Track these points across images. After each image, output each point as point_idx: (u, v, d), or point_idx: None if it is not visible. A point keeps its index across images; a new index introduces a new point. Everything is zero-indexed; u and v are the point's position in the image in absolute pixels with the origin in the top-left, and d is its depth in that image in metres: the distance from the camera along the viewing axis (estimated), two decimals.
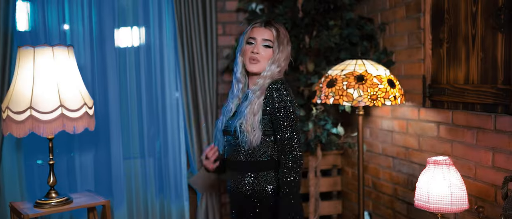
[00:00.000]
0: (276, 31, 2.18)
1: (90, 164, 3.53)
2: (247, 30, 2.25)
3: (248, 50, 2.19)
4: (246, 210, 2.22)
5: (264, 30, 2.19)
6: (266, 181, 2.20)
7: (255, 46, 2.18)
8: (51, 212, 2.73)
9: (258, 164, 2.18)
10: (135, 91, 3.59)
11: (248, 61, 2.19)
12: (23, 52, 2.64)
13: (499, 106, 2.34)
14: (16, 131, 2.58)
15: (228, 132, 2.23)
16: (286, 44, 2.21)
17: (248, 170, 2.20)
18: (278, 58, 2.18)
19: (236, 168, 2.24)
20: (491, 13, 2.38)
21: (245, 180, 2.21)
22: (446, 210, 2.23)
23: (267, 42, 2.17)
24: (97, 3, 3.45)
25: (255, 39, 2.19)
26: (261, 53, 2.17)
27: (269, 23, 2.21)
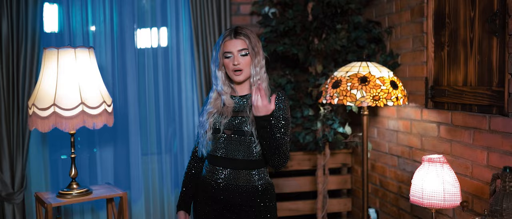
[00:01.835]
0: (247, 38, 2.28)
1: (110, 159, 3.74)
2: (220, 43, 2.31)
3: (229, 63, 2.28)
4: (255, 206, 2.31)
5: (236, 41, 2.27)
6: (267, 175, 2.37)
7: (234, 59, 2.27)
8: (72, 201, 2.94)
9: (263, 161, 2.34)
10: (153, 91, 3.78)
11: (232, 73, 2.29)
12: (48, 53, 2.85)
13: (493, 107, 2.44)
14: (41, 126, 2.79)
15: (240, 132, 2.30)
16: (259, 45, 2.31)
17: (258, 166, 2.34)
18: (259, 61, 2.29)
19: (244, 165, 2.32)
20: (487, 18, 2.48)
21: (255, 176, 2.33)
22: (439, 206, 2.35)
23: (243, 51, 2.26)
24: (118, 6, 3.65)
25: (231, 52, 2.27)
26: (241, 63, 2.27)
27: (238, 33, 2.29)
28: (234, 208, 2.33)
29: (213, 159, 2.36)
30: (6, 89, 3.37)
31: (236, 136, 2.31)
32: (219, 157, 2.33)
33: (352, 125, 3.66)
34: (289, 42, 3.44)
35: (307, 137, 3.53)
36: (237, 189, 2.32)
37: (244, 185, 2.32)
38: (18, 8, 3.35)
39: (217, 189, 2.34)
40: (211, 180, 2.36)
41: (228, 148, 2.32)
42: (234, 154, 2.31)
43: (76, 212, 3.69)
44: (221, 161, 2.33)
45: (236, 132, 2.30)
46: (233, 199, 2.32)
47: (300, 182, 3.91)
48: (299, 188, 3.91)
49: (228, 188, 2.32)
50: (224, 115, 2.32)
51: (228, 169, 2.32)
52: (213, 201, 2.36)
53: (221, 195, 2.33)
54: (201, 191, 2.42)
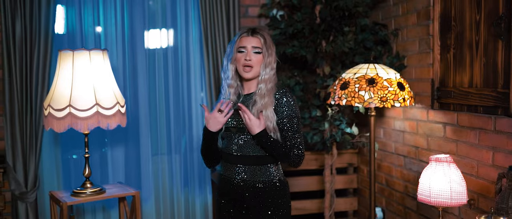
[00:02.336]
0: (263, 38, 2.36)
1: (121, 159, 3.81)
2: (236, 39, 2.40)
3: (241, 58, 2.36)
4: (271, 199, 2.39)
5: (252, 38, 2.36)
6: (279, 170, 2.46)
7: (247, 54, 2.35)
8: (86, 200, 3.01)
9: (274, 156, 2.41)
10: (163, 92, 3.85)
11: (242, 69, 2.37)
12: (63, 55, 2.93)
13: (499, 108, 2.51)
14: (56, 126, 2.87)
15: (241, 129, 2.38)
16: (272, 48, 2.40)
17: (269, 162, 2.41)
18: (270, 62, 2.36)
19: (257, 162, 2.40)
20: (493, 21, 2.55)
21: (268, 170, 2.41)
22: (446, 204, 2.41)
23: (257, 49, 2.35)
24: (129, 7, 3.72)
25: (246, 47, 2.36)
26: (253, 60, 2.35)
27: (255, 32, 2.38)
28: (250, 203, 2.41)
29: (228, 157, 2.44)
30: (20, 90, 3.45)
31: (246, 133, 2.38)
32: (235, 155, 2.41)
33: (359, 125, 3.72)
34: (297, 44, 3.51)
35: (315, 137, 3.60)
36: (253, 184, 2.39)
37: (259, 180, 2.40)
38: (32, 10, 3.42)
39: (234, 186, 2.42)
40: (229, 178, 2.44)
41: (244, 146, 2.39)
42: (250, 151, 2.38)
43: (88, 211, 3.76)
44: (237, 159, 2.41)
45: (240, 129, 2.38)
46: (250, 195, 2.40)
47: (307, 181, 3.98)
48: (307, 187, 3.98)
49: (245, 184, 2.40)
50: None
51: (243, 166, 2.40)
52: (231, 197, 2.44)
53: (238, 191, 2.41)
54: (221, 190, 2.50)
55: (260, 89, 2.36)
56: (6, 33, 3.41)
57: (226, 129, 2.42)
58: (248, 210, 2.42)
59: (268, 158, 2.40)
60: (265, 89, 2.35)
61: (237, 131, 2.39)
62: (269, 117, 2.34)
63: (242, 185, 2.41)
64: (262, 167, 2.40)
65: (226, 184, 2.46)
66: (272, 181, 2.41)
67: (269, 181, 2.41)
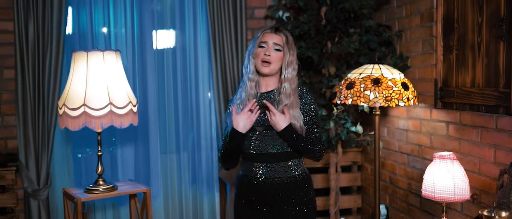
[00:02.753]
0: (285, 36, 2.44)
1: (131, 157, 3.89)
2: (258, 35, 2.47)
3: (261, 53, 2.42)
4: (293, 195, 2.46)
5: (275, 35, 2.43)
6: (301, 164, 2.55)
7: (267, 49, 2.41)
8: (99, 197, 3.10)
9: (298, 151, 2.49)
10: (172, 91, 3.94)
11: (260, 63, 2.43)
12: (77, 56, 3.02)
13: (500, 107, 2.60)
14: (71, 125, 2.95)
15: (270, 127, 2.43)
16: (294, 49, 2.47)
17: (294, 157, 2.49)
18: (291, 61, 2.44)
19: (280, 158, 2.46)
20: (494, 23, 2.64)
21: (292, 167, 2.48)
22: (450, 200, 2.51)
23: (278, 46, 2.42)
24: (138, 8, 3.81)
25: (267, 42, 2.42)
26: (272, 56, 2.41)
27: (279, 30, 2.46)
28: (273, 201, 2.46)
29: (248, 156, 2.49)
30: (32, 90, 3.54)
31: (268, 131, 2.43)
32: (254, 153, 2.46)
33: (363, 124, 3.81)
34: (304, 46, 3.60)
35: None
36: (276, 181, 2.44)
37: (282, 176, 2.45)
38: (44, 12, 3.51)
39: (256, 185, 2.47)
40: (250, 177, 2.49)
41: (262, 143, 2.44)
42: (269, 148, 2.44)
43: (98, 208, 3.85)
44: (256, 157, 2.46)
45: (268, 127, 2.43)
46: (273, 193, 2.45)
47: (313, 179, 4.05)
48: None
49: (267, 182, 2.45)
50: (253, 112, 2.42)
51: (265, 164, 2.45)
52: (253, 197, 2.49)
53: (261, 190, 2.46)
54: (241, 190, 2.53)
55: (284, 88, 2.42)
56: (19, 35, 3.50)
57: (251, 129, 2.45)
58: (271, 208, 2.46)
59: (289, 154, 2.46)
60: (290, 89, 2.42)
61: (264, 129, 2.43)
62: (296, 116, 2.41)
63: (264, 183, 2.45)
64: (283, 163, 2.46)
65: (247, 184, 2.50)
66: (294, 177, 2.48)
67: (290, 177, 2.46)
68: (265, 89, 2.52)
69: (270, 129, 2.44)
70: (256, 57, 2.44)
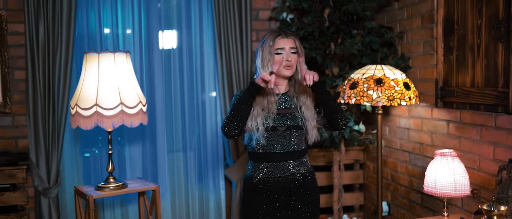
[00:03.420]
0: (296, 38, 2.59)
1: (139, 156, 3.98)
2: (269, 43, 2.54)
3: (281, 59, 2.52)
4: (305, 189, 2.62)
5: (288, 40, 2.55)
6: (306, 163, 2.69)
7: (287, 55, 2.53)
8: (110, 194, 3.18)
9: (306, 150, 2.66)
10: (179, 91, 4.02)
11: (283, 68, 2.54)
12: (89, 57, 3.11)
13: (499, 106, 2.69)
14: (83, 124, 3.04)
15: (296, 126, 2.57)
16: (302, 48, 2.62)
17: (300, 157, 2.63)
18: (302, 61, 2.60)
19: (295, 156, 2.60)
20: (493, 25, 2.73)
21: (303, 162, 2.64)
22: (450, 195, 2.60)
23: (293, 50, 2.55)
24: (145, 9, 3.89)
25: (284, 48, 2.54)
26: (292, 60, 2.54)
27: (289, 33, 2.58)
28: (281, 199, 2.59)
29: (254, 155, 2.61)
30: (43, 90, 3.62)
31: (289, 131, 2.56)
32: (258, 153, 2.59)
33: (366, 123, 3.91)
34: (308, 47, 3.70)
35: (324, 135, 3.78)
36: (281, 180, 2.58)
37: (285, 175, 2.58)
38: (54, 14, 3.60)
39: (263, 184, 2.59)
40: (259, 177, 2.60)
41: (266, 144, 2.56)
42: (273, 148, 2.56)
43: (107, 206, 3.94)
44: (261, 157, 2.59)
45: (290, 126, 2.56)
46: (280, 191, 2.58)
47: (316, 177, 4.15)
48: None
49: (274, 181, 2.58)
50: (270, 112, 2.53)
51: (268, 163, 2.58)
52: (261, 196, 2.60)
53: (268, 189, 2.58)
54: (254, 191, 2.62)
55: (296, 86, 2.59)
56: (30, 36, 3.59)
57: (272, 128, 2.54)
58: (278, 206, 2.59)
59: (299, 153, 2.60)
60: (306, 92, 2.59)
61: (285, 129, 2.56)
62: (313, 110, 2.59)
63: (271, 182, 2.58)
64: (292, 162, 2.59)
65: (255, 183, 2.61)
66: (301, 175, 2.60)
67: (296, 175, 2.60)
68: (284, 90, 2.65)
69: (290, 129, 2.56)
70: (276, 64, 2.53)
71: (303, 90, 2.60)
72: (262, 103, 2.56)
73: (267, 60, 2.54)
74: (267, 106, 2.54)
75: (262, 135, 2.53)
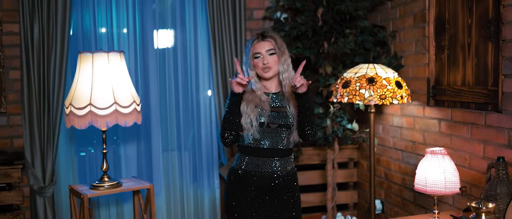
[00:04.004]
0: (274, 39, 2.58)
1: (134, 155, 4.00)
2: (249, 47, 2.60)
3: (258, 63, 2.57)
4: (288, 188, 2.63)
5: (264, 42, 2.57)
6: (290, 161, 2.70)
7: (263, 58, 2.56)
8: (104, 193, 3.20)
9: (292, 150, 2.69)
10: (173, 90, 4.05)
11: (262, 71, 2.58)
12: (83, 57, 3.12)
13: (489, 105, 2.72)
14: (77, 124, 3.06)
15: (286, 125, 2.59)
16: (284, 46, 2.62)
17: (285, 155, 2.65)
18: (285, 59, 2.59)
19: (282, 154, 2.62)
20: (483, 24, 2.76)
21: (288, 161, 2.65)
22: (441, 193, 2.63)
23: (271, 51, 2.56)
24: (140, 9, 3.91)
25: (260, 52, 2.57)
26: (270, 62, 2.57)
27: (265, 36, 2.59)
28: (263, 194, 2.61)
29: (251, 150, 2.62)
30: (38, 90, 3.64)
31: (280, 128, 2.58)
32: (247, 146, 2.61)
33: (359, 122, 3.93)
34: (301, 46, 3.72)
35: (318, 133, 3.81)
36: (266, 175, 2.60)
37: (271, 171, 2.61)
38: (49, 14, 3.62)
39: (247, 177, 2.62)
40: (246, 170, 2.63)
41: (256, 138, 2.58)
42: (262, 144, 2.59)
43: (102, 205, 3.96)
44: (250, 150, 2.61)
45: (281, 124, 2.58)
46: (263, 186, 2.61)
47: (310, 175, 4.20)
48: (310, 181, 4.20)
49: (258, 175, 2.60)
50: (263, 109, 2.56)
51: (256, 157, 2.60)
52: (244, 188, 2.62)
53: (252, 182, 2.61)
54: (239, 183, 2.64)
55: (285, 86, 2.59)
56: (25, 36, 3.60)
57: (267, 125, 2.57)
58: (260, 200, 2.61)
59: (283, 151, 2.62)
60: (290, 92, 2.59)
61: (277, 126, 2.57)
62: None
63: (255, 176, 2.60)
64: (277, 158, 2.61)
65: (239, 175, 2.64)
66: (284, 172, 2.62)
67: (280, 172, 2.61)
68: (275, 90, 2.67)
69: (281, 127, 2.58)
70: (256, 67, 2.60)
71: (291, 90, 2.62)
72: (255, 101, 2.59)
73: (248, 65, 2.61)
74: (260, 103, 2.57)
75: (256, 130, 2.56)
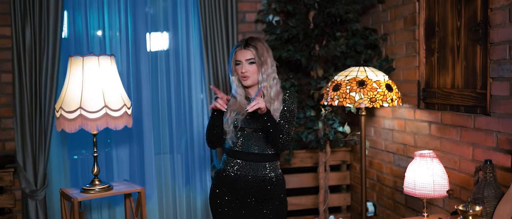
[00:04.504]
0: (255, 49, 2.59)
1: (126, 158, 4.00)
2: (233, 54, 2.65)
3: (238, 70, 2.62)
4: (269, 194, 2.62)
5: (245, 51, 2.60)
6: (277, 167, 2.68)
7: (242, 66, 2.60)
8: (95, 196, 3.20)
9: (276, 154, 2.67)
10: (165, 93, 4.05)
11: (241, 79, 2.64)
12: (73, 60, 3.13)
13: (478, 107, 2.73)
14: (68, 127, 3.06)
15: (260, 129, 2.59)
16: (266, 55, 2.61)
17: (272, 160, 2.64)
18: (265, 69, 2.60)
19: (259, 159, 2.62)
20: (472, 27, 2.77)
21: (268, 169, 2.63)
22: (429, 196, 2.63)
23: (251, 60, 2.59)
24: (132, 12, 3.92)
25: (241, 60, 2.61)
26: (249, 70, 2.60)
27: (247, 44, 2.61)
28: (246, 197, 2.63)
29: (231, 153, 2.66)
30: (29, 93, 3.64)
31: (255, 133, 2.61)
32: (238, 151, 2.63)
33: (351, 125, 3.94)
34: (292, 49, 3.73)
35: (309, 136, 3.81)
36: (250, 179, 2.61)
37: (257, 175, 2.61)
38: (41, 17, 3.62)
39: (231, 179, 2.64)
40: (228, 172, 2.65)
41: (246, 143, 2.61)
42: (252, 148, 2.60)
43: (94, 208, 3.96)
44: (238, 155, 2.63)
45: (256, 129, 2.60)
46: (247, 189, 2.62)
47: (302, 178, 4.20)
48: (302, 183, 4.20)
49: (242, 178, 2.62)
50: (240, 113, 2.61)
51: (244, 161, 2.62)
52: (228, 190, 2.65)
53: (236, 185, 2.63)
54: (219, 183, 2.69)
55: (265, 96, 2.59)
56: (17, 39, 3.60)
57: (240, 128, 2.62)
58: (244, 203, 2.63)
59: (267, 156, 2.62)
60: (268, 95, 2.58)
61: (252, 131, 2.60)
62: (278, 119, 2.57)
63: (239, 179, 2.62)
64: (261, 164, 2.62)
65: (224, 177, 2.66)
66: (269, 178, 2.62)
67: (265, 177, 2.62)
68: (250, 96, 2.70)
69: (257, 131, 2.60)
70: (237, 74, 2.66)
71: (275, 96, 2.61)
72: (236, 105, 2.64)
73: (230, 70, 2.67)
74: (239, 109, 2.62)
75: (233, 134, 2.62)
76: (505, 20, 2.51)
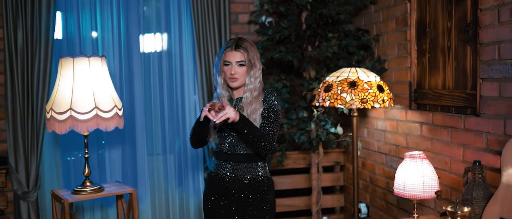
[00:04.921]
0: (246, 51, 2.56)
1: (118, 159, 3.99)
2: (222, 53, 2.61)
3: (227, 71, 2.58)
4: (256, 193, 2.61)
5: (236, 52, 2.56)
6: (265, 167, 2.67)
7: (232, 68, 2.57)
8: (86, 198, 3.19)
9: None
10: (158, 94, 4.04)
11: (229, 80, 2.60)
12: (64, 62, 3.11)
13: (468, 108, 2.73)
14: (58, 129, 3.05)
15: None
16: (255, 59, 2.59)
17: (258, 160, 2.63)
18: (254, 72, 2.58)
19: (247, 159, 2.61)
20: (462, 28, 2.77)
21: (256, 168, 2.63)
22: (419, 197, 2.63)
23: (241, 62, 2.56)
24: (125, 13, 3.91)
25: (230, 62, 2.57)
26: (238, 72, 2.57)
27: (238, 46, 2.57)
28: (237, 198, 2.62)
29: (219, 155, 2.65)
30: (21, 94, 3.63)
31: (236, 134, 2.59)
32: (224, 152, 2.62)
33: (344, 126, 3.93)
34: (284, 50, 3.72)
35: (302, 137, 3.81)
36: (240, 180, 2.60)
37: (245, 176, 2.60)
38: (32, 18, 3.61)
39: (224, 181, 2.63)
40: (218, 173, 2.65)
41: (232, 144, 2.60)
42: (240, 149, 2.59)
43: (87, 209, 3.95)
44: (227, 157, 2.62)
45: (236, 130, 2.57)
46: (237, 190, 2.61)
47: (295, 179, 4.19)
48: (295, 185, 4.19)
49: (232, 180, 2.61)
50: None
51: (233, 163, 2.61)
52: (221, 193, 2.64)
53: (228, 186, 2.62)
54: (210, 185, 2.68)
55: (246, 98, 2.57)
56: (8, 40, 3.59)
57: (220, 129, 2.61)
58: (234, 205, 2.62)
59: (254, 156, 2.61)
60: (251, 97, 2.56)
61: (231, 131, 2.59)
62: (256, 120, 2.55)
63: (230, 181, 2.61)
64: (248, 164, 2.61)
65: (215, 180, 2.66)
66: (259, 178, 2.62)
67: (253, 177, 2.61)
68: (238, 96, 2.68)
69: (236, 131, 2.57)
70: (224, 74, 2.61)
71: (254, 99, 2.59)
72: None
73: (218, 69, 2.63)
74: None
75: (215, 135, 2.62)
76: (494, 20, 2.51)
